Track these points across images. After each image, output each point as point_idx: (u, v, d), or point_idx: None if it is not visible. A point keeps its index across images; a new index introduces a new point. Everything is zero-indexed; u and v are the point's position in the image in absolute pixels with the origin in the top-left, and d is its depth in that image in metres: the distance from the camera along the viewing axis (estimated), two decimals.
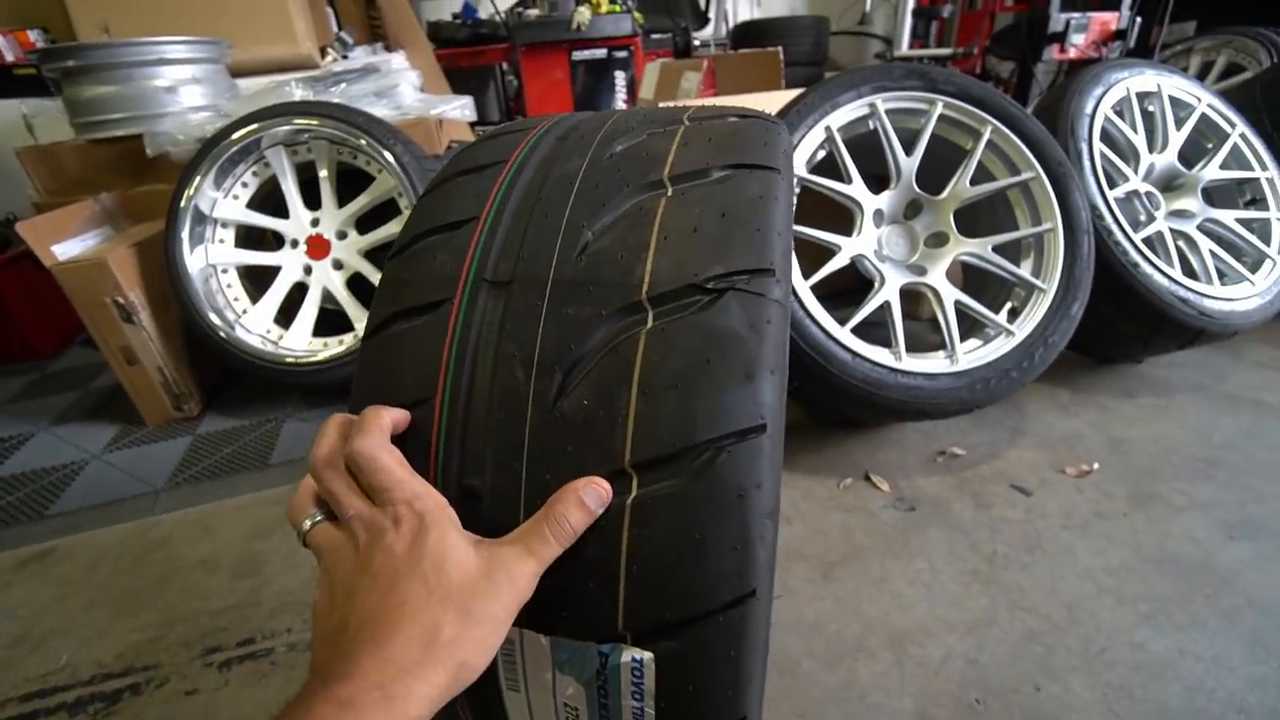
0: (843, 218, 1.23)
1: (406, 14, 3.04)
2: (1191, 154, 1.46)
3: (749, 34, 3.90)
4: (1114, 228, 1.28)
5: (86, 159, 1.84)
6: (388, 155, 1.43)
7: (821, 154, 1.23)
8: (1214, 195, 1.45)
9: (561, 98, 3.10)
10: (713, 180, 0.44)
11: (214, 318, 1.48)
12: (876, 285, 1.19)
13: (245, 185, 1.55)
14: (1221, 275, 1.36)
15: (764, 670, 0.41)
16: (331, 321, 1.57)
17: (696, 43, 3.67)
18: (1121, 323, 1.35)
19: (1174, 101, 1.43)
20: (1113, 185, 1.34)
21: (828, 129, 1.20)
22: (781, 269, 0.41)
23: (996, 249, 1.21)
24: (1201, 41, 2.44)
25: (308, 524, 0.39)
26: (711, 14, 4.20)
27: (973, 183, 1.22)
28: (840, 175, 1.21)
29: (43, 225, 1.48)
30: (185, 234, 1.48)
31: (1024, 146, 1.21)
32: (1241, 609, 0.91)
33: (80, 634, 1.02)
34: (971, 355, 1.16)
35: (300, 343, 1.52)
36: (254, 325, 1.53)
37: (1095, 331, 1.37)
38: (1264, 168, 1.43)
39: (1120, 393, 1.45)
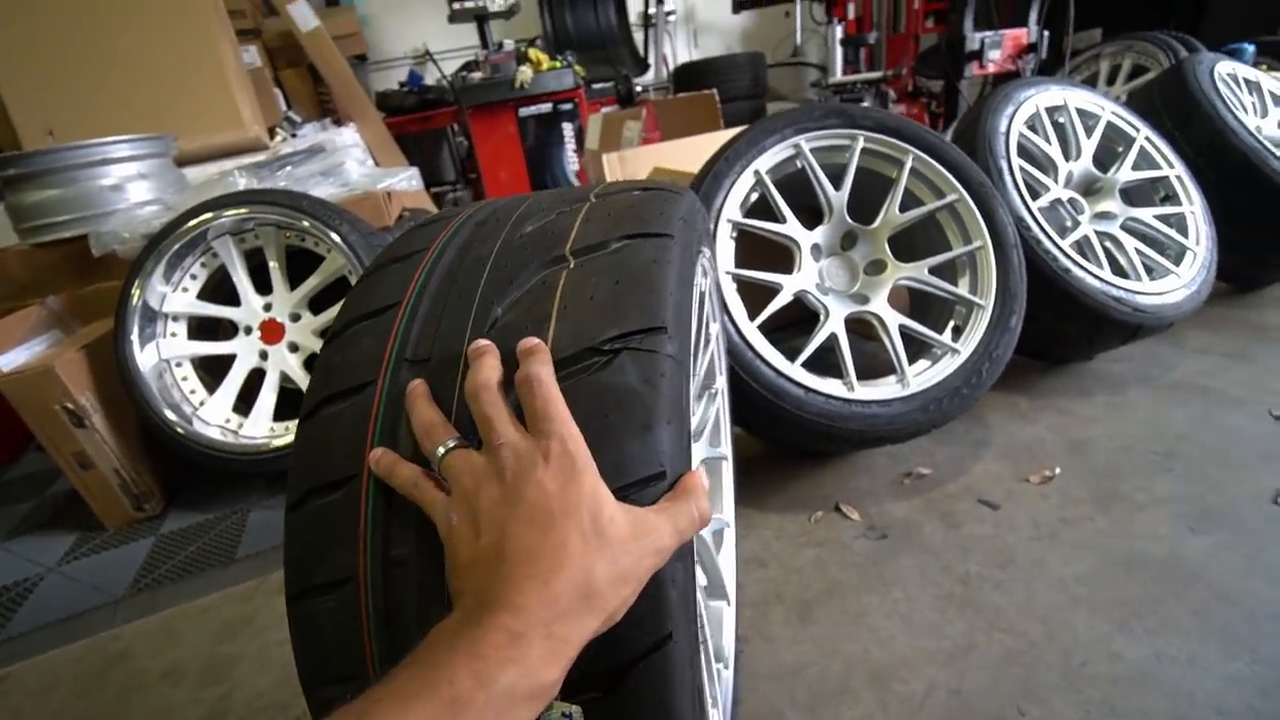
0: (786, 255, 1.26)
1: (353, 87, 3.11)
2: (1106, 159, 1.53)
3: (689, 75, 4.05)
4: (1041, 236, 1.33)
5: (32, 263, 1.82)
6: (334, 235, 1.44)
7: (755, 195, 1.27)
8: (1132, 196, 1.52)
9: (513, 153, 3.17)
10: (610, 251, 0.48)
11: (170, 414, 1.46)
12: (822, 318, 1.22)
13: (194, 277, 1.55)
14: (1149, 270, 1.42)
15: (696, 711, 0.43)
16: (293, 401, 1.55)
17: (639, 88, 3.79)
18: (1063, 326, 1.39)
19: (1081, 112, 1.51)
20: (1036, 196, 1.40)
21: (756, 173, 1.24)
22: (675, 325, 0.44)
23: (933, 270, 1.25)
24: (1108, 47, 2.59)
25: (442, 450, 0.39)
26: (651, 59, 4.36)
27: (902, 209, 1.27)
28: (775, 216, 1.24)
29: None
30: (135, 332, 1.46)
31: (945, 170, 1.26)
32: (1210, 604, 0.92)
33: None
34: (921, 377, 1.18)
35: (261, 429, 1.50)
36: (212, 416, 1.51)
37: (1042, 336, 1.41)
38: (1171, 166, 1.50)
39: (1076, 393, 1.48)
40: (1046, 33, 2.45)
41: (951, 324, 1.25)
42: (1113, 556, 1.03)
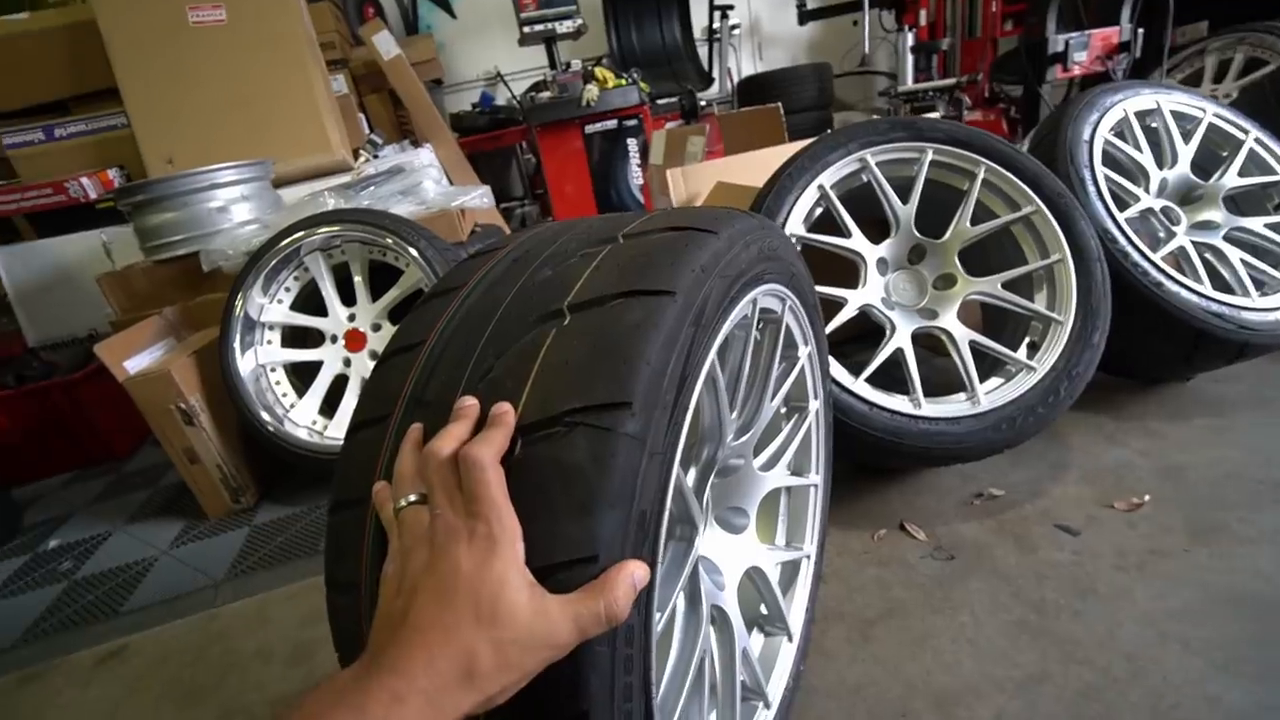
0: (851, 270, 1.25)
1: (430, 110, 3.30)
2: (1208, 165, 1.43)
3: (754, 88, 4.05)
4: (1129, 249, 1.25)
5: (154, 278, 2.04)
6: (413, 251, 1.54)
7: (820, 210, 1.26)
8: (1241, 204, 1.41)
9: (578, 170, 3.27)
10: (604, 309, 0.47)
11: (264, 414, 1.59)
12: (888, 333, 1.20)
13: (288, 289, 1.69)
14: (1259, 285, 1.30)
15: None
16: None
17: (703, 103, 3.83)
18: (1157, 343, 1.30)
19: (1177, 116, 1.41)
20: (1123, 207, 1.32)
21: (821, 187, 1.23)
22: (646, 399, 0.42)
23: (1007, 285, 1.20)
24: (1215, 41, 2.40)
25: (403, 503, 0.42)
26: (715, 73, 4.38)
27: (973, 222, 1.23)
28: (840, 230, 1.23)
29: (116, 344, 1.64)
30: (237, 339, 1.61)
31: (1020, 181, 1.21)
32: None
33: None
34: (993, 395, 1.14)
35: (344, 431, 1.61)
36: (301, 418, 1.63)
37: (1133, 354, 1.33)
38: None
39: (1170, 415, 1.38)
40: (1141, 30, 2.30)
41: (1027, 340, 1.20)
42: (1212, 593, 0.95)
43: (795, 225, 1.23)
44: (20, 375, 2.13)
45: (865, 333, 1.42)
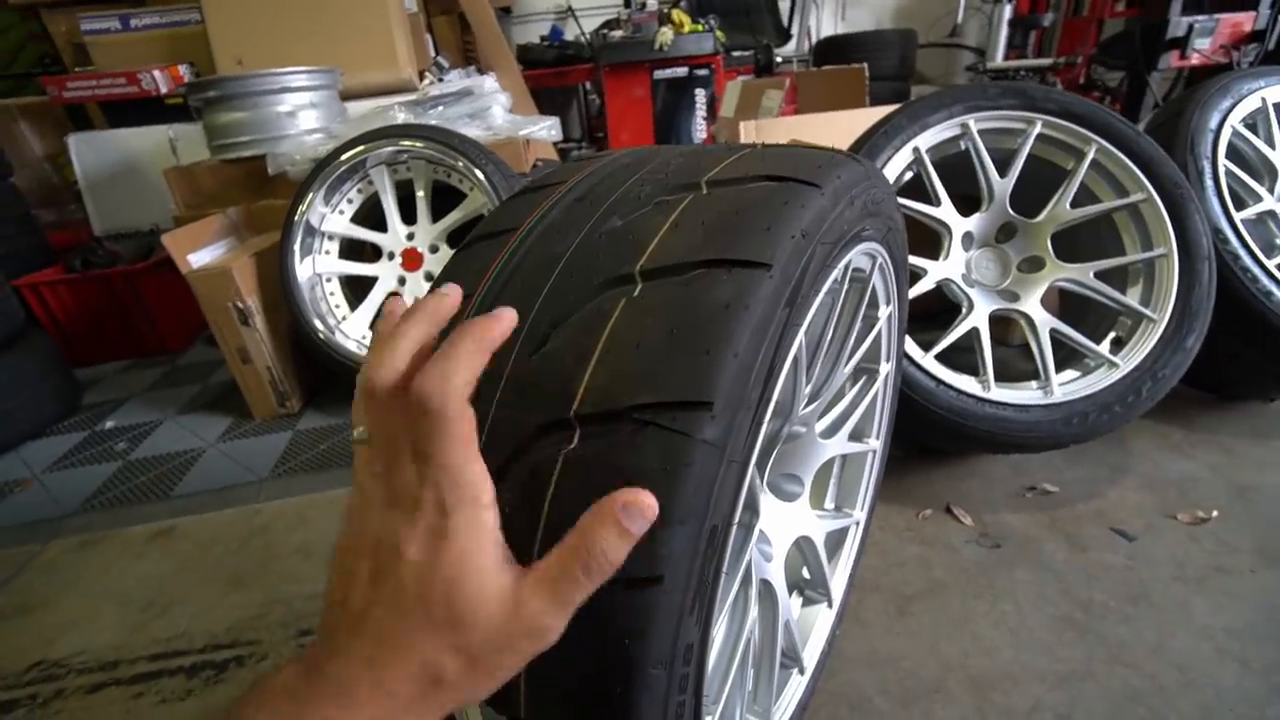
0: (932, 241, 1.19)
1: (498, 38, 3.21)
2: None
3: (832, 50, 3.85)
4: (1241, 253, 1.16)
5: (219, 177, 2.06)
6: (479, 174, 1.51)
7: (909, 175, 1.20)
8: None
9: (641, 116, 3.17)
10: (684, 279, 0.40)
11: (317, 323, 1.61)
12: (964, 311, 1.14)
13: (350, 201, 1.69)
14: None
15: None
16: None
17: (779, 60, 3.66)
18: (1252, 356, 1.22)
19: None
20: (1241, 206, 1.22)
21: (915, 150, 1.16)
22: (729, 399, 0.36)
23: (1100, 275, 1.13)
24: None
25: (356, 434, 0.34)
26: (794, 30, 4.18)
27: (1073, 205, 1.15)
28: (928, 197, 1.17)
29: (182, 236, 1.67)
30: (297, 246, 1.62)
31: (1134, 166, 1.12)
32: None
33: (196, 606, 1.13)
34: (1068, 387, 1.08)
35: None
36: (352, 331, 1.65)
37: (1219, 366, 1.25)
38: None
39: (1247, 434, 1.31)
40: None
41: (1111, 335, 1.13)
42: (1278, 615, 0.91)
43: None
44: (86, 260, 2.19)
45: (933, 311, 1.36)
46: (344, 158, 1.62)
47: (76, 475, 1.61)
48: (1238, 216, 1.19)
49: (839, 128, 1.87)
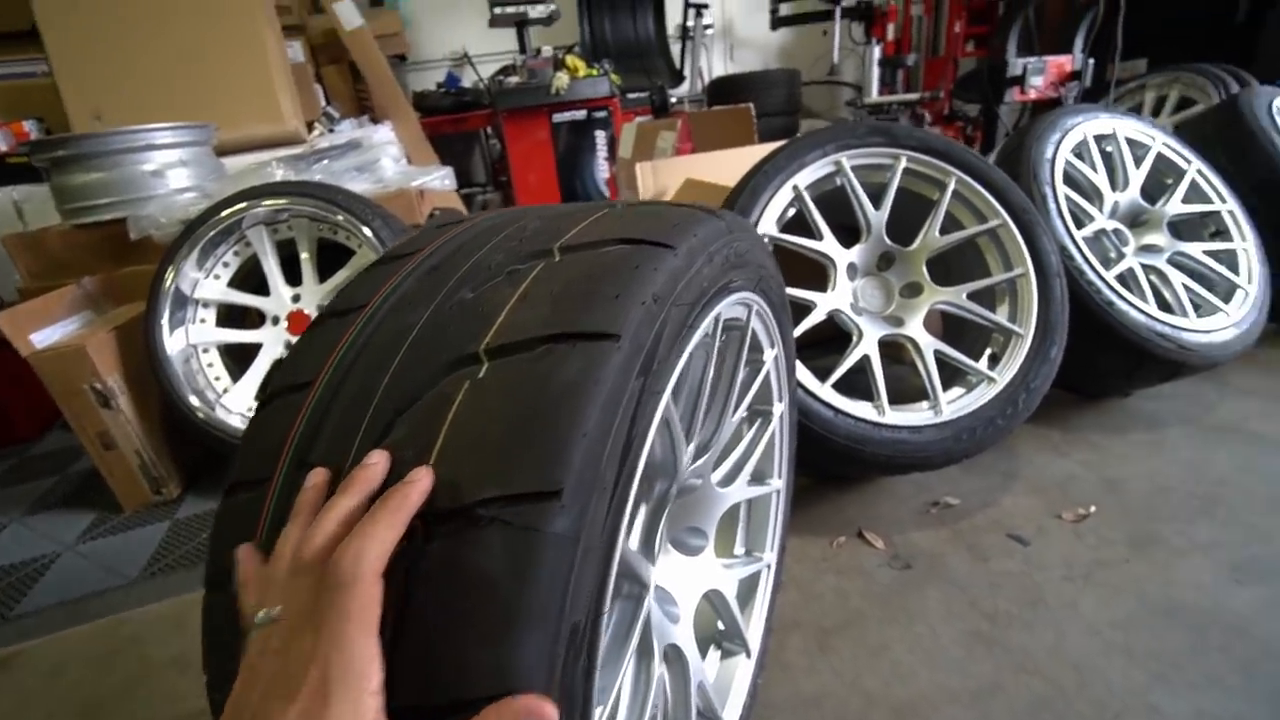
0: (819, 273, 1.24)
1: (392, 86, 3.15)
2: (1154, 191, 1.49)
3: (724, 89, 4.05)
4: (1085, 267, 1.29)
5: (71, 243, 1.86)
6: (366, 231, 1.45)
7: (792, 211, 1.25)
8: (1181, 230, 1.47)
9: (544, 159, 3.19)
10: (530, 356, 0.38)
11: (194, 399, 1.47)
12: (855, 339, 1.19)
13: (226, 265, 1.57)
14: (1197, 307, 1.37)
15: None
16: None
17: (674, 100, 3.80)
18: (1103, 360, 1.34)
19: (1130, 142, 1.47)
20: (1080, 225, 1.36)
21: (795, 188, 1.22)
22: (580, 484, 0.34)
23: (971, 296, 1.21)
24: (1154, 78, 2.54)
25: (258, 618, 0.33)
26: (687, 72, 4.37)
27: (942, 232, 1.24)
28: (811, 232, 1.22)
29: (22, 314, 1.48)
30: (165, 316, 1.48)
31: (988, 194, 1.23)
32: (1258, 661, 0.88)
33: None
34: (955, 405, 1.15)
35: None
36: (235, 404, 1.52)
37: (1078, 369, 1.36)
38: (1223, 200, 1.46)
39: (1111, 430, 1.43)
40: (1091, 60, 2.41)
41: (988, 352, 1.22)
42: (1151, 604, 0.98)
43: (768, 225, 1.21)
44: None
45: (825, 338, 1.42)
46: (217, 218, 1.50)
47: None
48: (1079, 235, 1.32)
49: (730, 164, 1.94)
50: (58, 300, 1.60)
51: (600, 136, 3.15)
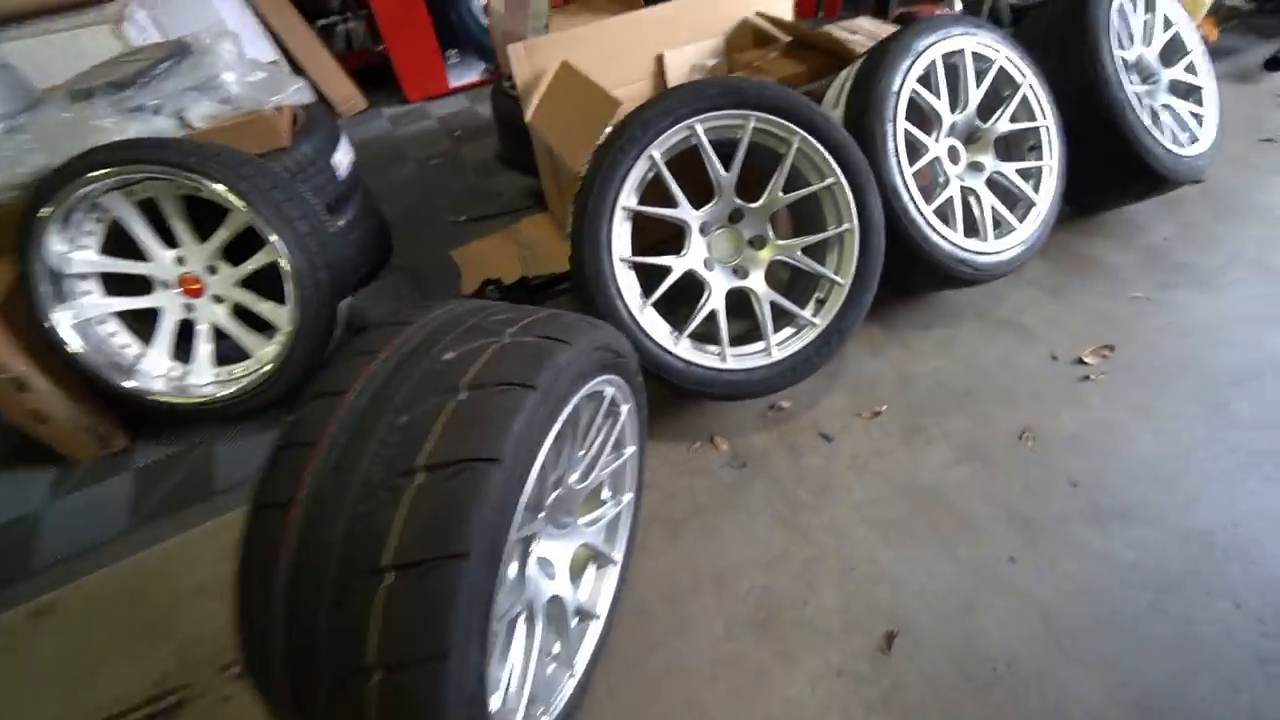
0: (678, 228, 1.38)
1: None
2: (995, 103, 1.60)
3: None
4: (910, 205, 1.47)
5: None
6: (223, 189, 1.40)
7: (651, 175, 1.33)
8: (1009, 145, 1.63)
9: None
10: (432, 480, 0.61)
11: (111, 375, 1.55)
12: (705, 295, 1.40)
13: (90, 233, 1.51)
14: (997, 225, 1.61)
15: None
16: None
17: None
18: (917, 277, 1.61)
19: (976, 57, 1.53)
20: (918, 157, 1.50)
21: (651, 158, 1.29)
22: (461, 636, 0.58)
23: (806, 250, 1.41)
24: None
25: None
26: None
27: (785, 189, 1.37)
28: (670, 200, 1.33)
29: None
30: (48, 298, 1.48)
31: (827, 153, 1.34)
32: (943, 520, 1.33)
33: (119, 668, 1.29)
34: (783, 346, 1.42)
35: (205, 377, 1.62)
36: (153, 369, 1.61)
37: (900, 280, 1.64)
38: (1044, 116, 1.60)
39: (920, 326, 1.76)
40: None
41: (815, 296, 1.46)
42: (897, 485, 1.41)
43: (627, 198, 1.31)
44: None
45: (688, 284, 1.60)
46: (58, 196, 1.40)
47: None
48: (909, 172, 1.47)
49: (612, 39, 1.87)
50: None
51: None
